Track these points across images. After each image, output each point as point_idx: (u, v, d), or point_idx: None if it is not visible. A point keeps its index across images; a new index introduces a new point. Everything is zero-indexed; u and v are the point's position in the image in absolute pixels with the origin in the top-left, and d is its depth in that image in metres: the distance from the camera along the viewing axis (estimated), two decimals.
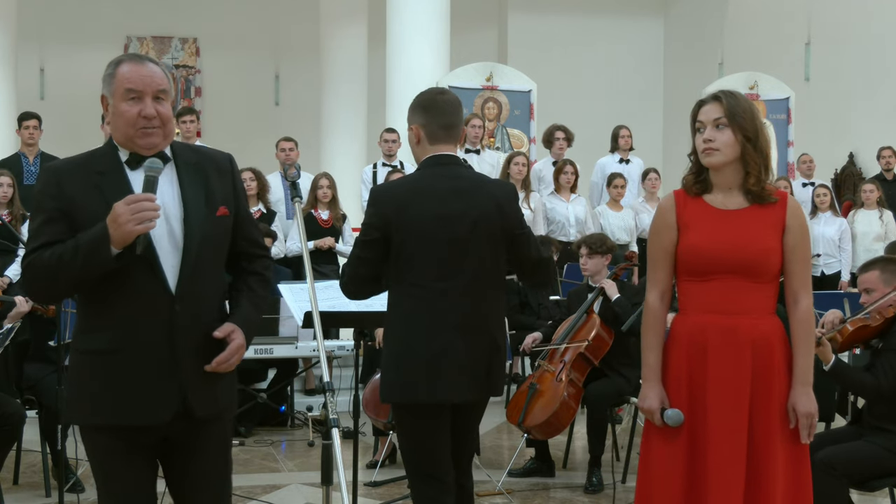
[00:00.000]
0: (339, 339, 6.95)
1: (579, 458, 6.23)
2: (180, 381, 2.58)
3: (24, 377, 5.38)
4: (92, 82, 12.35)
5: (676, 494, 2.94)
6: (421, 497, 3.43)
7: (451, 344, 3.30)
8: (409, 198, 3.35)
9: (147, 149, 2.60)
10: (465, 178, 3.45)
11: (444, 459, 3.41)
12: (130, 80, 2.59)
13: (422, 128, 3.44)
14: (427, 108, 3.46)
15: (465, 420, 3.48)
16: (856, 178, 11.19)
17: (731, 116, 2.91)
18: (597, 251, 5.78)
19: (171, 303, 2.56)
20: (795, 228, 2.96)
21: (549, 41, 14.17)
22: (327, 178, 8.02)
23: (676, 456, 2.95)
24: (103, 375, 2.58)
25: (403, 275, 3.33)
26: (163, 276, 2.56)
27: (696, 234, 2.95)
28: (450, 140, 3.45)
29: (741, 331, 2.90)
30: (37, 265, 2.55)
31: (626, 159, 9.64)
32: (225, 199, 2.70)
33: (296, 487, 5.47)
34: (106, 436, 2.61)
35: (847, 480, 3.94)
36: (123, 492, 2.65)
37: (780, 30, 12.60)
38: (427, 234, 3.30)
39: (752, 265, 2.90)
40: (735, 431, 2.88)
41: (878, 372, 4.04)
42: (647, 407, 2.98)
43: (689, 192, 3.02)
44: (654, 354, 3.02)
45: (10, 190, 7.03)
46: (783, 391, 2.93)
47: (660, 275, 3.03)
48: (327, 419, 2.34)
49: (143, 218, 2.45)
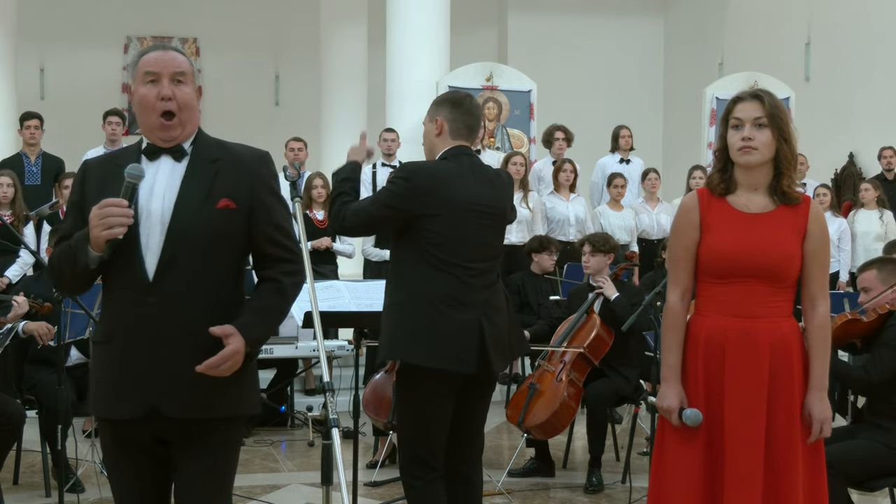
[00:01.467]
0: (339, 339, 6.95)
1: (579, 458, 6.23)
2: (150, 377, 2.51)
3: (24, 377, 5.38)
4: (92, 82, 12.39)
5: (694, 496, 2.93)
6: (412, 482, 3.47)
7: (479, 320, 3.46)
8: (445, 179, 3.52)
9: (165, 142, 2.59)
10: (488, 169, 3.72)
11: (438, 445, 3.49)
12: (149, 63, 2.59)
13: (447, 122, 3.61)
14: (456, 104, 3.64)
15: (470, 402, 3.56)
16: (856, 178, 11.17)
17: (772, 117, 2.91)
18: (600, 249, 5.78)
19: (145, 294, 2.51)
20: (816, 234, 2.96)
21: (549, 41, 14.17)
22: (321, 178, 7.99)
23: (693, 457, 2.94)
24: (97, 366, 2.65)
25: (432, 251, 3.45)
26: (141, 268, 2.51)
27: (718, 237, 2.94)
28: (469, 140, 3.68)
29: (760, 334, 2.90)
30: (51, 259, 2.66)
31: (627, 159, 9.64)
32: (234, 193, 2.58)
33: (296, 487, 5.48)
34: (105, 428, 2.65)
35: (844, 479, 3.94)
36: (118, 486, 2.67)
37: (780, 30, 12.60)
38: (461, 216, 3.49)
39: (773, 270, 2.90)
40: (753, 434, 2.88)
41: (869, 365, 4.05)
42: (667, 406, 2.96)
43: (714, 192, 3.00)
44: (674, 354, 3.00)
45: (12, 190, 7.02)
46: (801, 394, 2.94)
47: (681, 274, 3.02)
48: (327, 419, 2.34)
49: (109, 224, 2.43)
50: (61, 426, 4.47)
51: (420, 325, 3.43)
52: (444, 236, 3.45)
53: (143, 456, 2.62)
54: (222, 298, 2.59)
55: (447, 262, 3.45)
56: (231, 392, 2.58)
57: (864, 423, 4.15)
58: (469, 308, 3.45)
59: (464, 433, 3.57)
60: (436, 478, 3.48)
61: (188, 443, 2.58)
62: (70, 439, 4.55)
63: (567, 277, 7.16)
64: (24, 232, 6.95)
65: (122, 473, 2.65)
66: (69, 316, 4.87)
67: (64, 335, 4.61)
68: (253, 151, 2.70)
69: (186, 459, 2.59)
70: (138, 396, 2.52)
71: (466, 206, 3.50)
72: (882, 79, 11.01)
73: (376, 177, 8.65)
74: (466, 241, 3.49)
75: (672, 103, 14.55)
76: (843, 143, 11.40)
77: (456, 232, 3.47)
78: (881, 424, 4.04)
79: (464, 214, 3.49)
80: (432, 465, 3.48)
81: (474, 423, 3.63)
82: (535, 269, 7.01)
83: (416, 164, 3.68)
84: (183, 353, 2.50)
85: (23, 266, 7.14)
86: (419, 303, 3.44)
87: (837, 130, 11.44)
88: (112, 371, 2.57)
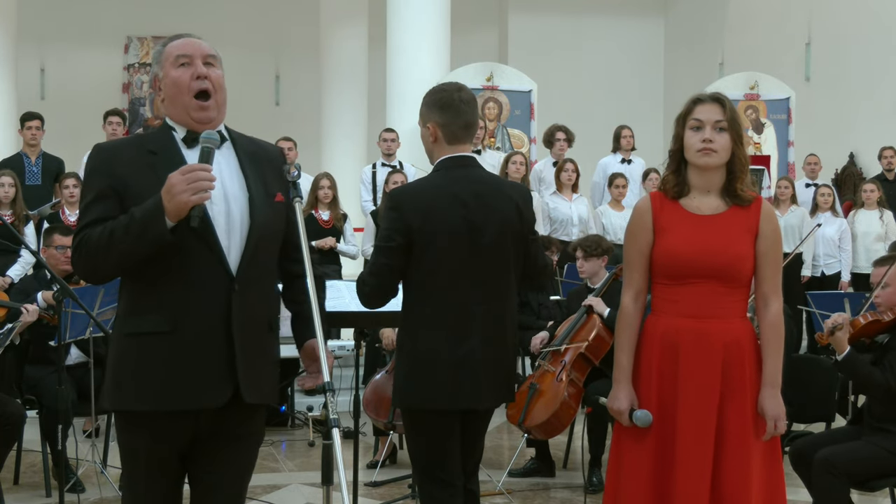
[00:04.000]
0: (339, 339, 6.95)
1: (579, 458, 6.23)
2: (234, 364, 2.52)
3: (24, 377, 5.38)
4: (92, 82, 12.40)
5: (644, 495, 2.97)
6: (432, 500, 3.42)
7: (474, 351, 3.27)
8: (433, 203, 3.26)
9: (202, 122, 2.57)
10: (486, 182, 3.38)
11: (455, 464, 3.41)
12: (179, 47, 2.59)
13: (439, 127, 3.32)
14: (444, 107, 3.33)
15: (476, 425, 3.48)
16: (856, 179, 11.17)
17: (731, 121, 2.95)
18: (592, 254, 5.79)
19: (230, 283, 2.50)
20: (768, 233, 2.99)
21: (549, 41, 14.17)
22: (328, 179, 8.00)
23: (644, 457, 2.98)
24: (155, 358, 2.49)
25: (426, 280, 3.27)
26: (222, 256, 2.50)
27: (672, 239, 2.97)
28: (468, 139, 3.39)
29: (713, 334, 2.94)
30: (88, 242, 2.48)
31: (628, 159, 9.64)
32: (278, 188, 2.64)
33: (296, 487, 5.48)
34: (138, 425, 2.54)
35: (847, 480, 3.94)
36: (142, 491, 2.62)
37: (780, 30, 12.60)
38: (453, 242, 3.24)
39: (726, 271, 2.93)
40: (703, 433, 2.91)
41: (886, 368, 4.04)
42: (617, 408, 3.02)
43: (669, 195, 3.03)
44: (626, 356, 3.05)
45: (12, 190, 7.03)
46: (755, 393, 2.96)
47: (635, 276, 3.06)
48: (328, 419, 2.33)
49: (199, 188, 2.38)
50: (62, 426, 4.46)
51: (413, 362, 3.31)
52: (439, 264, 3.25)
53: (167, 461, 2.59)
54: (275, 283, 2.72)
55: (440, 290, 3.26)
56: (274, 381, 2.73)
57: (867, 424, 4.14)
58: (463, 339, 3.26)
59: (466, 445, 3.52)
60: (455, 493, 3.40)
61: (219, 437, 2.60)
62: (70, 439, 4.55)
63: (568, 277, 7.16)
64: (25, 232, 6.96)
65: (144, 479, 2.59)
66: (69, 316, 4.86)
67: (64, 335, 4.60)
68: (275, 148, 2.77)
69: (215, 452, 2.61)
70: (228, 383, 2.52)
71: (457, 231, 3.25)
72: (882, 79, 11.02)
73: (376, 177, 8.65)
74: (461, 266, 3.26)
75: (672, 103, 14.50)
76: (843, 143, 11.41)
77: (449, 258, 3.25)
78: (884, 428, 4.03)
79: (457, 239, 3.25)
80: (450, 482, 3.40)
81: (477, 436, 3.58)
82: None
83: (400, 191, 3.44)
84: (254, 340, 2.57)
85: (24, 266, 7.14)
86: (417, 332, 3.30)
87: (838, 130, 11.44)
88: (180, 362, 2.49)
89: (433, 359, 3.27)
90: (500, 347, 3.35)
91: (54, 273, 4.73)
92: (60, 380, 4.43)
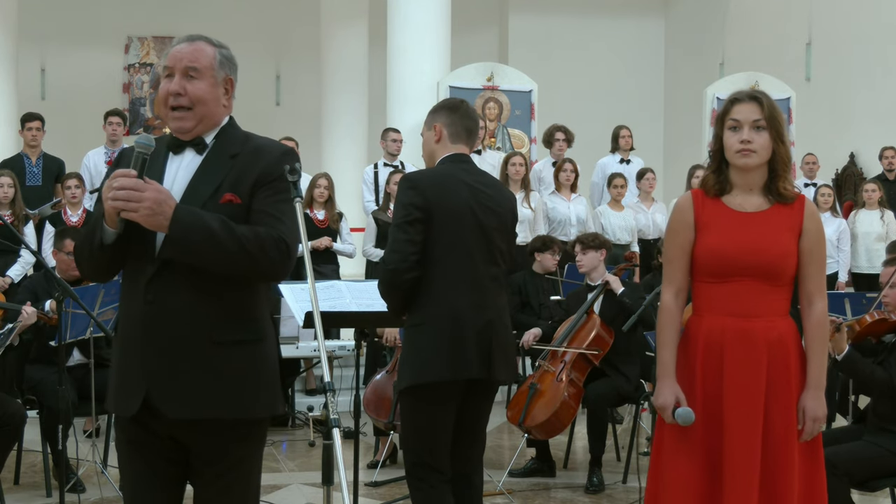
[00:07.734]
0: (339, 339, 6.95)
1: (580, 458, 6.23)
2: (145, 371, 2.47)
3: (25, 377, 5.39)
4: (93, 82, 12.39)
5: (691, 495, 2.93)
6: (418, 485, 3.46)
7: (493, 323, 3.49)
8: (445, 184, 3.52)
9: (179, 133, 2.58)
10: (487, 175, 3.74)
11: (444, 449, 3.48)
12: (169, 56, 2.60)
13: (445, 127, 3.61)
14: (452, 109, 3.65)
15: (475, 405, 3.56)
16: (857, 178, 11.17)
17: (770, 119, 2.91)
18: (590, 246, 5.78)
19: (147, 284, 2.48)
20: (812, 232, 2.96)
21: (549, 41, 14.17)
22: (326, 179, 7.98)
23: (691, 457, 2.93)
24: (113, 363, 2.65)
25: (440, 258, 3.44)
26: (150, 257, 2.48)
27: (714, 236, 2.94)
28: (469, 143, 3.67)
29: (757, 333, 2.91)
30: (76, 243, 2.67)
31: (627, 159, 9.64)
32: (240, 187, 2.52)
33: (296, 487, 5.48)
34: (118, 429, 2.64)
35: (848, 480, 3.94)
36: (128, 485, 2.64)
37: (781, 30, 12.59)
38: (466, 221, 3.48)
39: (769, 269, 2.90)
40: (750, 433, 2.88)
41: (890, 367, 4.03)
42: (661, 403, 2.96)
43: (709, 193, 3.00)
44: (669, 352, 3.00)
45: (12, 190, 7.04)
46: (798, 393, 2.94)
47: (676, 273, 3.02)
48: (328, 419, 2.34)
49: (115, 196, 2.40)
50: (62, 426, 4.46)
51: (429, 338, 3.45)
52: (452, 242, 3.45)
53: (149, 456, 2.58)
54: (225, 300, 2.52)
55: (454, 268, 3.46)
56: (246, 389, 2.51)
57: (871, 424, 4.13)
58: (478, 314, 3.47)
59: (467, 436, 3.56)
60: (442, 481, 3.47)
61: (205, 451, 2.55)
62: (71, 439, 4.55)
63: (568, 277, 7.16)
64: (25, 231, 6.96)
65: (127, 473, 2.62)
66: (69, 316, 4.86)
67: (64, 335, 4.60)
68: (274, 146, 2.64)
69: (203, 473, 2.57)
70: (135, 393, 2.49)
71: (469, 211, 3.50)
72: (883, 79, 11.01)
73: (378, 177, 8.64)
74: (473, 245, 3.49)
75: (672, 103, 14.54)
76: (843, 143, 11.40)
77: (462, 237, 3.47)
78: (886, 428, 4.03)
79: (469, 218, 3.49)
80: (439, 470, 3.47)
81: (477, 425, 3.63)
82: (537, 268, 7.00)
83: (413, 174, 3.73)
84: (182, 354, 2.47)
85: (24, 266, 7.15)
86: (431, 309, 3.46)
87: (838, 130, 11.44)
88: (113, 366, 2.62)
89: (453, 331, 3.42)
90: (505, 325, 3.60)
91: (58, 275, 4.74)
92: (61, 380, 4.44)
